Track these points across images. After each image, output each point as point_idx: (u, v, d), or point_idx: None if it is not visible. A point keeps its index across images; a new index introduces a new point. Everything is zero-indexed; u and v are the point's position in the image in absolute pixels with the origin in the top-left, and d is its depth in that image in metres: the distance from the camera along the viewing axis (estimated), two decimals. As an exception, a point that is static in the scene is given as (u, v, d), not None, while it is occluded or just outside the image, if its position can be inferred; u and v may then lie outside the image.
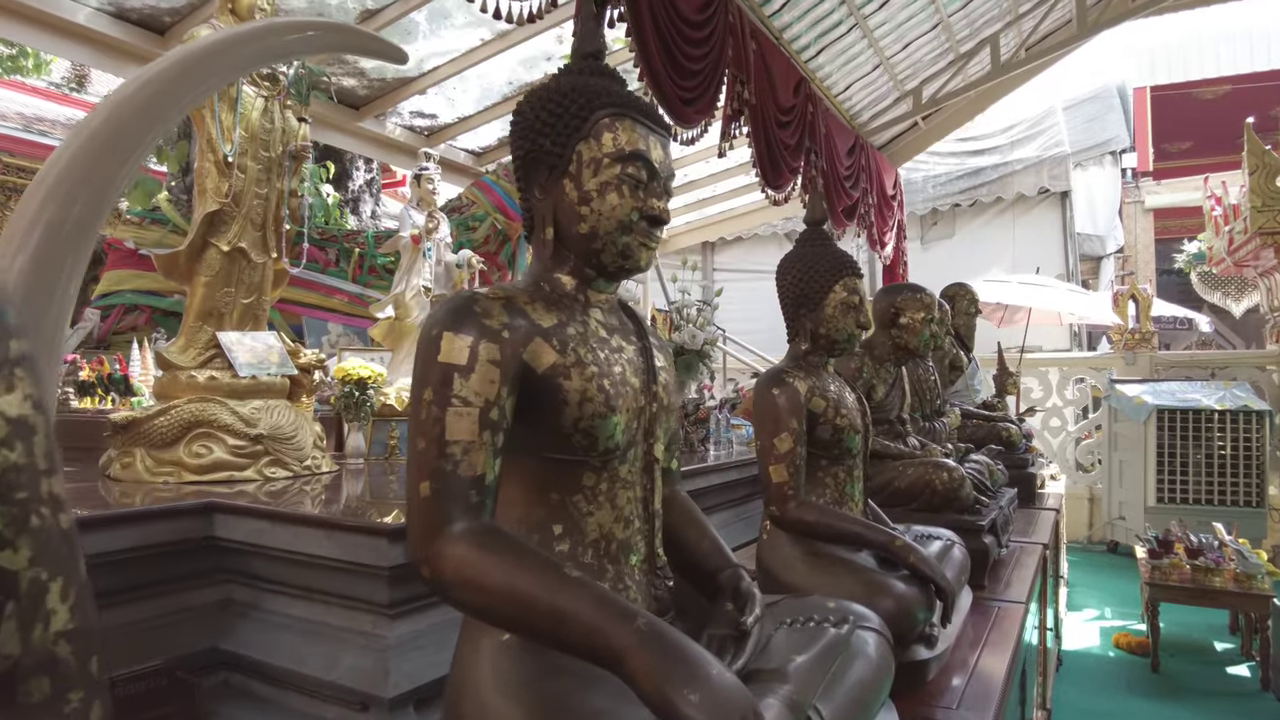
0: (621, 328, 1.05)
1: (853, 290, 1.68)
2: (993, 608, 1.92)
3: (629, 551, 0.97)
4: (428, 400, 0.85)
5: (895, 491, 2.28)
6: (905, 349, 2.47)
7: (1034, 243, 7.34)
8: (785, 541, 1.59)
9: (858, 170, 5.49)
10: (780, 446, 1.56)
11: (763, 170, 4.01)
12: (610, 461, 0.95)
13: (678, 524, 1.14)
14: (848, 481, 1.67)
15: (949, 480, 2.19)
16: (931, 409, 3.27)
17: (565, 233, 0.99)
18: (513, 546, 0.81)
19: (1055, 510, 3.57)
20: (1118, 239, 10.71)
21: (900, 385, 2.56)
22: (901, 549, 1.44)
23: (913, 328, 2.45)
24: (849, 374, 2.40)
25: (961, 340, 4.17)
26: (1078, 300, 5.84)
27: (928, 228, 8.33)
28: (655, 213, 0.98)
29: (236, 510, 1.52)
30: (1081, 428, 6.73)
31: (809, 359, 1.71)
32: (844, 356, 2.45)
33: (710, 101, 3.39)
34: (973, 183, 7.91)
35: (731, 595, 1.04)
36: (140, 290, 5.01)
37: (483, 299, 0.89)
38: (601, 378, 0.93)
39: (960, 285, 4.20)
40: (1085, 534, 6.43)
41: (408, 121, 4.78)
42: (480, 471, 0.84)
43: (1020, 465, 3.76)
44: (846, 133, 5.44)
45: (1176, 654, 3.76)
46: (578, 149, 0.98)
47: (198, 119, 2.71)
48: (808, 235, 1.79)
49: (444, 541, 0.80)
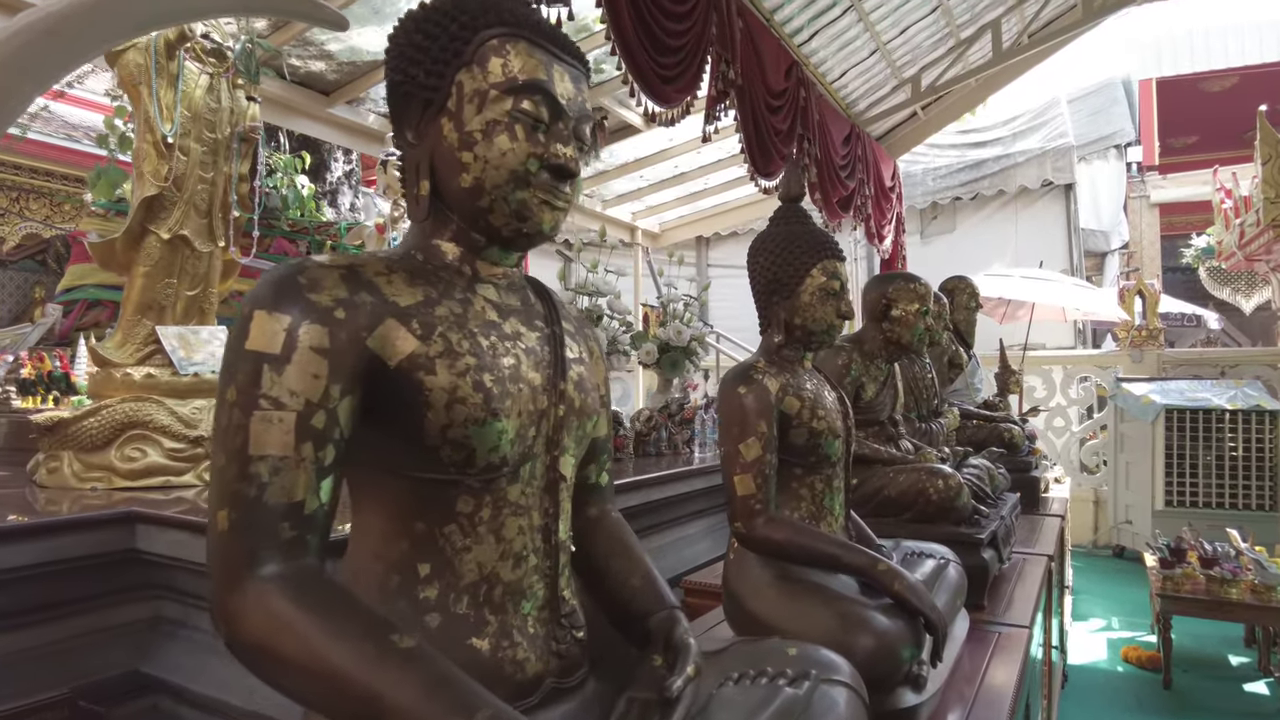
0: (525, 310, 0.84)
1: (833, 275, 1.47)
2: (993, 633, 1.71)
3: (520, 597, 0.76)
4: (230, 401, 0.64)
5: (885, 500, 2.07)
6: (898, 344, 2.26)
7: (1037, 237, 7.12)
8: (754, 562, 1.38)
9: (854, 160, 5.27)
10: (746, 453, 1.35)
11: (752, 157, 3.79)
12: (495, 481, 0.74)
13: (604, 554, 0.93)
14: (826, 493, 1.46)
15: (945, 488, 1.98)
16: (928, 409, 3.06)
17: (445, 187, 0.78)
18: (330, 602, 0.60)
19: (1060, 516, 3.36)
20: (1123, 234, 10.47)
21: (892, 383, 2.35)
22: (885, 574, 1.23)
23: (906, 320, 2.24)
24: (835, 371, 2.19)
25: (961, 336, 3.96)
26: (1083, 295, 5.61)
27: (928, 221, 8.10)
28: (560, 161, 0.77)
29: (158, 520, 1.38)
30: (1086, 428, 6.51)
31: (783, 353, 1.49)
32: (830, 352, 2.25)
33: (692, 80, 3.17)
34: (974, 175, 7.68)
35: (663, 646, 0.83)
36: (103, 285, 4.79)
37: (313, 267, 0.68)
38: (481, 371, 0.72)
39: (960, 278, 3.99)
40: (1090, 538, 6.21)
41: (383, 109, 4.57)
42: (298, 497, 0.63)
43: (1023, 468, 3.54)
44: (842, 121, 5.22)
45: (1190, 669, 3.55)
46: (458, 79, 0.77)
47: (134, 95, 2.50)
48: (782, 213, 1.58)
49: (242, 592, 0.60)
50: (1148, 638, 3.99)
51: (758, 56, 3.73)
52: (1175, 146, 11.40)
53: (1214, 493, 5.22)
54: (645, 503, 3.10)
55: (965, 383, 3.94)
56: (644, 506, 3.05)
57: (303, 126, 4.51)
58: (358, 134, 4.84)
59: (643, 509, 3.05)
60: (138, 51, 2.43)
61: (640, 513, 3.04)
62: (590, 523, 0.97)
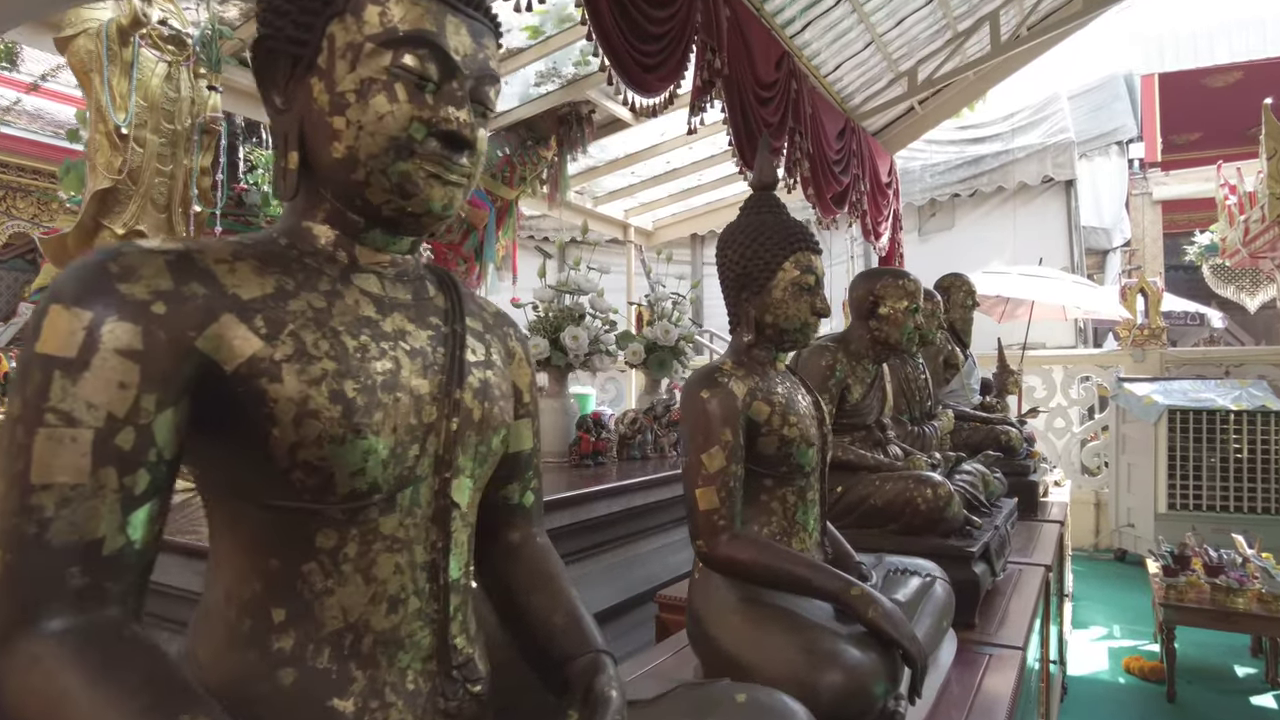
0: (417, 305, 0.72)
1: (806, 268, 1.35)
2: (984, 655, 1.59)
3: (396, 648, 0.64)
4: (14, 417, 0.51)
5: (871, 510, 1.94)
6: (886, 343, 2.14)
7: (1037, 234, 6.98)
8: (718, 583, 1.26)
9: (848, 155, 5.15)
10: (709, 464, 1.23)
11: (740, 150, 3.67)
12: (363, 511, 0.62)
13: (524, 588, 0.81)
14: (799, 506, 1.33)
15: (934, 497, 1.86)
16: (921, 411, 2.94)
17: (316, 158, 0.66)
18: (118, 669, 0.48)
19: (1059, 522, 3.24)
20: (1124, 232, 10.34)
21: (880, 385, 2.23)
22: (859, 600, 1.11)
23: (894, 319, 2.12)
24: (819, 372, 2.06)
25: (957, 335, 3.84)
26: (1083, 293, 5.48)
27: (926, 219, 7.97)
28: (451, 127, 0.65)
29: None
30: (1087, 429, 6.38)
31: (753, 353, 1.37)
32: (813, 352, 2.13)
33: (675, 69, 3.05)
34: (973, 171, 7.54)
35: (581, 699, 0.71)
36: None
37: (132, 253, 0.56)
38: (341, 378, 0.60)
39: (956, 275, 3.86)
40: (1091, 542, 6.08)
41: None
42: (96, 535, 0.51)
43: (1021, 472, 3.42)
44: (836, 115, 5.10)
45: (1194, 680, 3.42)
46: (329, 30, 0.64)
47: (85, 83, 2.39)
48: (753, 202, 1.46)
49: (10, 652, 0.48)
50: (1150, 647, 3.87)
51: (746, 46, 3.61)
52: (1178, 143, 11.26)
53: (1218, 496, 5.09)
54: (627, 508, 2.97)
55: (962, 384, 3.81)
56: (626, 512, 2.92)
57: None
58: None
59: (624, 515, 2.93)
60: (89, 38, 2.31)
61: (621, 519, 2.92)
62: (510, 550, 0.85)
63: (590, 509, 2.72)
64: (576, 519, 2.63)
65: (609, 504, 2.80)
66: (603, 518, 2.76)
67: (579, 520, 2.65)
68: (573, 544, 2.65)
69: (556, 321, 3.22)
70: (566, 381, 3.38)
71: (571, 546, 2.65)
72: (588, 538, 2.72)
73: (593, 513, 2.73)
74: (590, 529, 2.71)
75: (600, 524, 2.75)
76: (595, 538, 2.77)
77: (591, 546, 2.78)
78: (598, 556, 2.79)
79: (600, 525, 2.76)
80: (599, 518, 2.75)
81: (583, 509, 2.67)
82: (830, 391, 2.08)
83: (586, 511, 2.68)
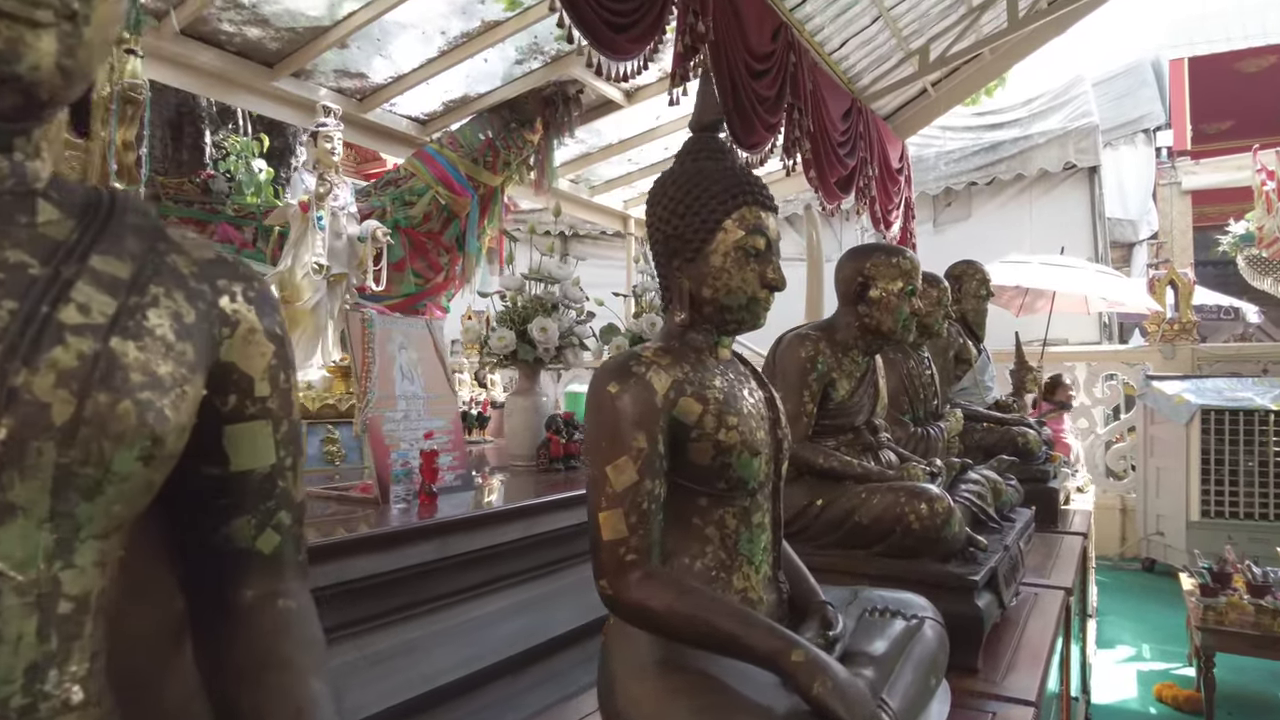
0: None
1: (755, 228, 1.06)
2: (984, 715, 1.28)
3: None
4: None
5: (856, 528, 1.64)
6: (877, 332, 1.84)
7: (1058, 224, 6.59)
8: (635, 636, 0.97)
9: (855, 137, 4.82)
10: (615, 480, 0.94)
11: (731, 125, 3.36)
12: None
13: (238, 675, 0.53)
14: (741, 533, 1.04)
15: (929, 513, 1.55)
16: (927, 411, 2.63)
17: None
18: None
19: (1083, 535, 2.91)
20: (1151, 224, 9.90)
21: (871, 381, 1.92)
22: (801, 670, 0.81)
23: (886, 303, 1.81)
24: (797, 365, 1.77)
25: (970, 328, 3.51)
26: (1108, 283, 5.11)
27: (941, 209, 7.59)
28: None
29: None
30: (1112, 430, 6.01)
31: (688, 337, 1.08)
32: (792, 341, 1.83)
33: (650, 29, 2.76)
34: (990, 159, 7.16)
35: None
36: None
37: None
38: None
39: (968, 263, 3.54)
40: (1116, 550, 5.71)
41: (334, 82, 4.20)
42: None
43: (1039, 478, 3.09)
44: (841, 94, 4.77)
45: (1235, 712, 3.07)
46: None
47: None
48: (691, 147, 1.17)
49: None
50: (1184, 671, 3.52)
51: (735, 13, 3.30)
52: (1209, 131, 10.77)
53: (1256, 502, 4.71)
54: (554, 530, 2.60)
55: (974, 381, 3.49)
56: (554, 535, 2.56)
57: (246, 102, 4.16)
58: (309, 110, 4.48)
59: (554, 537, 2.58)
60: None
61: (553, 541, 2.54)
62: (236, 618, 0.56)
63: (551, 519, 2.44)
64: (533, 531, 2.36)
65: (572, 515, 2.52)
66: (565, 530, 2.48)
67: (537, 533, 2.38)
68: (531, 559, 2.37)
69: (525, 312, 2.93)
70: (538, 378, 3.10)
71: (530, 562, 2.38)
72: (548, 552, 2.44)
73: (554, 524, 2.45)
74: (551, 542, 2.43)
75: (561, 537, 2.46)
76: (557, 552, 2.48)
77: (555, 561, 2.50)
78: (560, 573, 2.51)
79: (562, 539, 2.48)
80: (560, 530, 2.47)
81: (541, 520, 2.39)
82: (811, 388, 1.78)
83: (547, 523, 2.40)
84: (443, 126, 4.75)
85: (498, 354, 2.90)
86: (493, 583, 2.17)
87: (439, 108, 4.68)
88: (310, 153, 3.21)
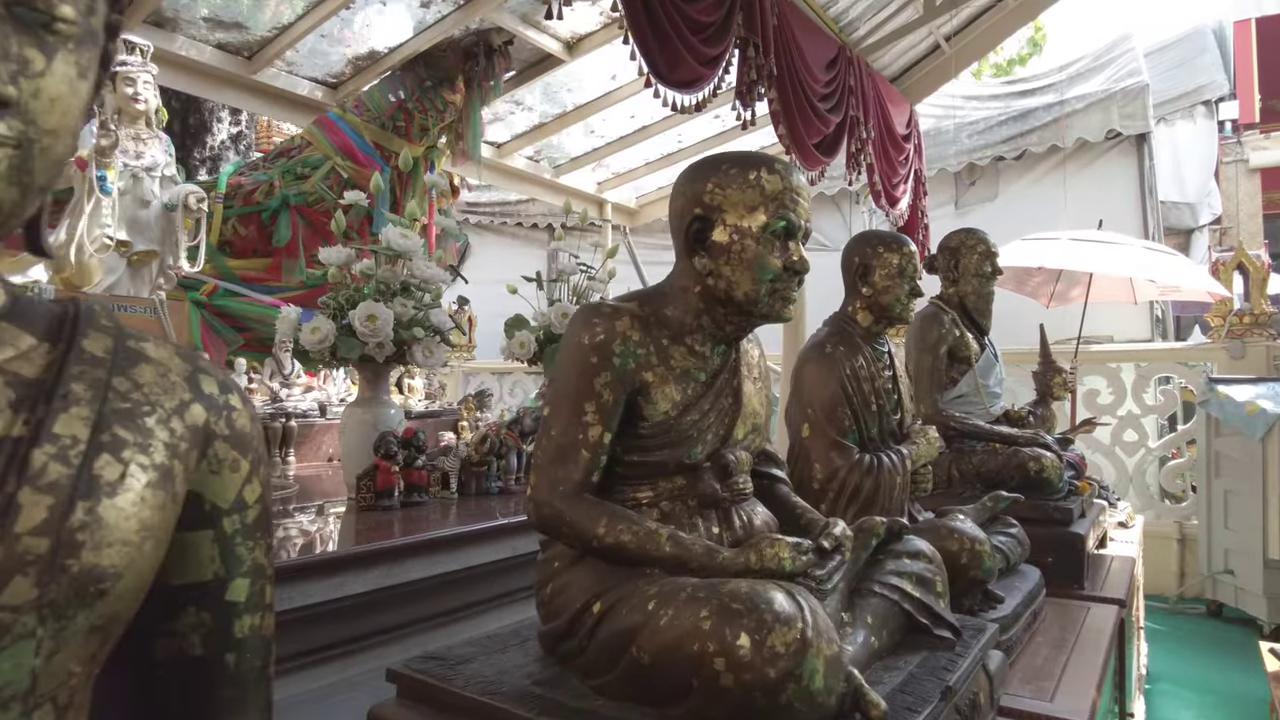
0: None
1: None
2: None
3: None
4: None
5: (634, 668, 0.86)
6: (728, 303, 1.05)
7: (1100, 204, 5.59)
8: None
9: (842, 91, 4.01)
10: None
11: (645, 48, 2.59)
12: None
13: None
14: None
15: (755, 656, 0.79)
16: (883, 428, 1.82)
17: None
18: None
19: (1120, 603, 2.06)
20: (1213, 207, 8.78)
21: (726, 391, 1.14)
22: None
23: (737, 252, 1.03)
24: (572, 360, 0.99)
25: (970, 316, 2.69)
26: (1160, 263, 4.16)
27: (963, 188, 6.65)
28: None
29: None
30: (1167, 444, 5.04)
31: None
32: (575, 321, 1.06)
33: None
34: (1020, 129, 6.21)
35: None
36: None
37: None
38: None
39: (968, 232, 2.74)
40: (1174, 589, 4.75)
41: (206, 34, 3.53)
42: None
43: (1058, 519, 2.26)
44: (823, 39, 3.97)
45: None
46: None
47: None
48: None
49: None
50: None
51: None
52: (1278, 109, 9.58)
53: (1354, 537, 3.75)
54: (464, 568, 1.99)
55: (975, 385, 2.65)
56: (460, 575, 1.92)
57: (227, 98, 3.80)
58: (293, 106, 3.99)
59: (460, 578, 1.95)
60: None
61: (450, 584, 1.92)
62: None
63: (336, 585, 1.71)
64: (313, 600, 1.65)
65: (428, 564, 1.81)
66: (426, 583, 1.79)
67: (312, 603, 1.66)
68: (308, 637, 1.66)
69: (354, 297, 2.21)
70: (383, 383, 2.38)
71: (311, 642, 1.67)
72: (339, 626, 1.72)
73: (344, 589, 1.72)
74: (340, 615, 1.71)
75: (366, 605, 1.75)
76: (355, 628, 1.75)
77: (351, 639, 1.76)
78: (359, 655, 1.77)
79: (366, 607, 1.75)
80: (357, 596, 1.75)
81: (312, 587, 1.67)
82: (601, 397, 1.00)
83: (321, 591, 1.68)
84: (356, 90, 4.07)
85: (311, 351, 2.18)
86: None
87: (346, 68, 4.00)
88: (110, 100, 2.54)
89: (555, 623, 1.00)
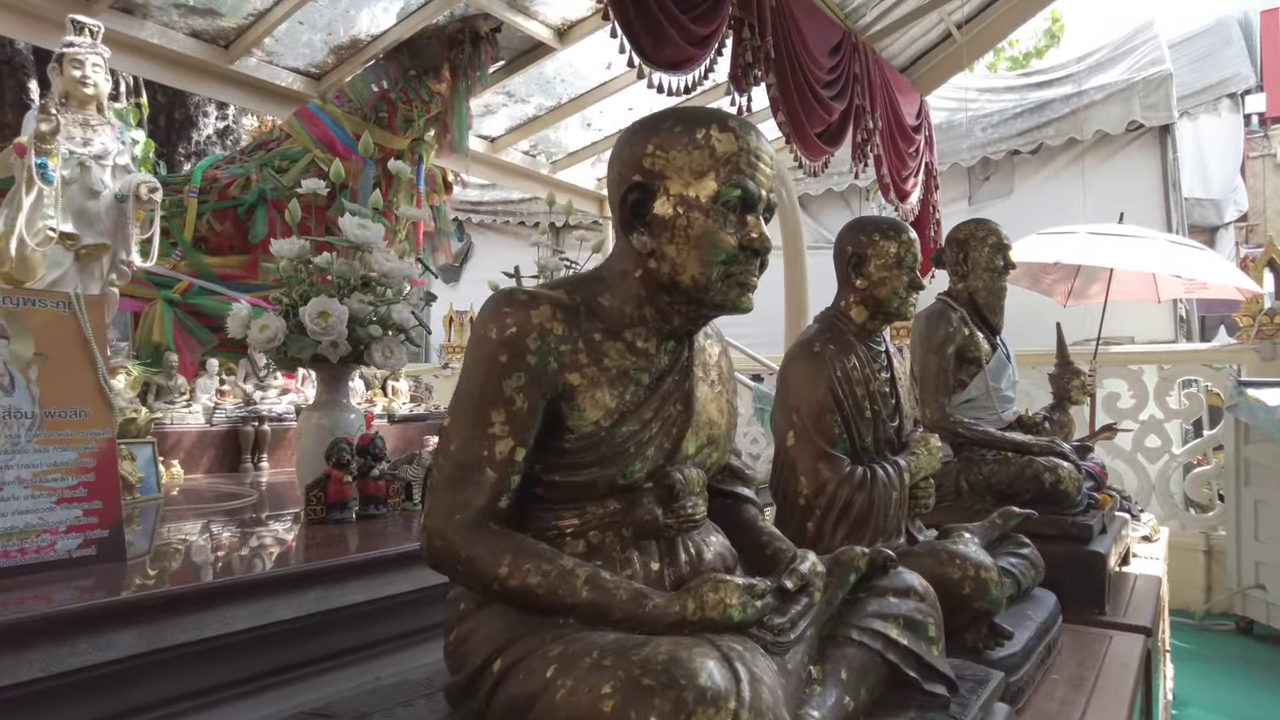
0: None
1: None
2: None
3: None
4: None
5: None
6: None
7: (1121, 199, 5.35)
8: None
9: (847, 79, 3.81)
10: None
11: (629, 28, 2.41)
12: None
13: None
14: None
15: None
16: (879, 436, 1.63)
17: None
18: None
19: (1145, 631, 1.85)
20: (1239, 204, 8.49)
21: (680, 394, 0.95)
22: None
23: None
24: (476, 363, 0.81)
25: (981, 314, 2.49)
26: (1185, 257, 3.91)
27: (977, 183, 6.41)
28: None
29: None
30: (1193, 450, 4.80)
31: None
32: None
33: None
34: (1036, 121, 5.96)
35: None
36: None
37: None
38: None
39: (978, 223, 2.54)
40: (1201, 604, 4.50)
41: (178, 21, 3.39)
42: None
43: (1076, 535, 2.05)
44: (828, 24, 3.77)
45: None
46: None
47: None
48: None
49: None
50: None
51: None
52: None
53: (1396, 551, 3.51)
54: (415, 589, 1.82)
55: (985, 388, 2.45)
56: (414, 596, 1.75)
57: (205, 89, 3.69)
58: (274, 97, 3.86)
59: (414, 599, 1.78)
60: None
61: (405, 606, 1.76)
62: None
63: (264, 611, 1.54)
64: (205, 634, 1.47)
65: (324, 596, 1.63)
66: (277, 628, 1.58)
67: (232, 630, 1.49)
68: (208, 676, 1.49)
69: (309, 293, 2.05)
70: (342, 385, 2.21)
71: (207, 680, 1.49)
72: (266, 655, 1.54)
73: (272, 615, 1.55)
74: (266, 643, 1.53)
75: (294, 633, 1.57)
76: (289, 655, 1.58)
77: (280, 669, 1.59)
78: (289, 687, 1.59)
79: (295, 634, 1.58)
80: (286, 623, 1.57)
81: (232, 614, 1.49)
82: (513, 403, 0.82)
83: (243, 618, 1.51)
84: (339, 81, 3.93)
85: (261, 350, 2.02)
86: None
87: (328, 58, 3.86)
88: (55, 82, 2.39)
89: (458, 676, 0.83)
